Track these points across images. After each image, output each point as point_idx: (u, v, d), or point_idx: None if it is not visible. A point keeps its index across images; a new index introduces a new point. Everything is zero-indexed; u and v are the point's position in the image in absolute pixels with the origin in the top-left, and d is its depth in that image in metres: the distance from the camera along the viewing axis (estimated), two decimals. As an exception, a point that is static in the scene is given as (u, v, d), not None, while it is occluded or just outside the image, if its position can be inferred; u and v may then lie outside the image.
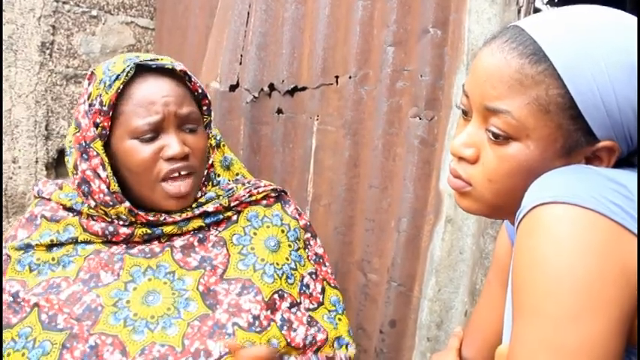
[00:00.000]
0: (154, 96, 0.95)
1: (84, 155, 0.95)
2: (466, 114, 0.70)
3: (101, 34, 1.97)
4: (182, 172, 0.97)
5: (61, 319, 0.90)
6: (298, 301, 1.03)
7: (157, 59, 0.99)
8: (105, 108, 0.94)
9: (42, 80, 1.82)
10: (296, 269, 1.06)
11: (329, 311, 1.08)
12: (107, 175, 0.95)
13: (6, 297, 0.92)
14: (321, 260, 1.14)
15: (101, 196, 0.95)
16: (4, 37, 1.73)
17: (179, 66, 1.00)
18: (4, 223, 1.78)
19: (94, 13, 1.94)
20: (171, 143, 0.95)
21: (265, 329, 0.94)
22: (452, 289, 1.25)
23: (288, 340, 0.96)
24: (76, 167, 0.96)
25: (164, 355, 0.88)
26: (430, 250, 1.28)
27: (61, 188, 1.06)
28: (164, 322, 0.91)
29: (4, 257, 0.98)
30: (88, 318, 0.90)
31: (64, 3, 1.85)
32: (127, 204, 0.96)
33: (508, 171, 0.65)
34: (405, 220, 1.30)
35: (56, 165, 1.91)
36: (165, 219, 1.00)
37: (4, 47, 1.73)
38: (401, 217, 1.31)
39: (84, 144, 0.95)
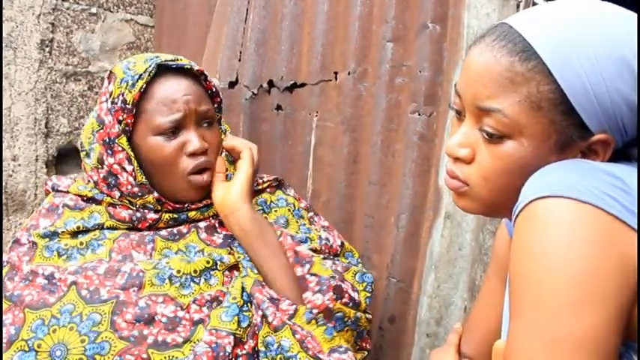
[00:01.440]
0: (175, 94, 1.00)
1: (109, 151, 1.00)
2: (459, 114, 0.70)
3: (101, 31, 1.96)
4: (204, 167, 1.04)
5: (104, 291, 0.91)
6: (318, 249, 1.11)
7: (177, 59, 1.04)
8: (129, 106, 0.98)
9: (41, 78, 1.82)
10: (307, 236, 1.14)
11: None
12: (133, 169, 1.00)
13: (40, 280, 0.94)
14: (329, 229, 1.20)
15: (129, 187, 1.00)
16: (4, 34, 1.73)
17: (196, 66, 1.06)
18: (4, 221, 1.79)
19: (94, 10, 1.94)
20: (192, 139, 1.01)
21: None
22: (451, 285, 1.25)
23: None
24: (101, 162, 1.01)
25: (215, 297, 0.95)
26: (429, 246, 1.27)
27: (75, 182, 1.10)
28: (205, 275, 0.98)
29: (28, 244, 0.99)
30: (132, 285, 0.93)
31: (63, 0, 1.85)
32: (155, 194, 1.02)
33: (504, 169, 0.65)
34: (404, 217, 1.30)
35: (56, 163, 1.91)
36: (188, 206, 1.06)
37: (3, 45, 1.73)
38: (400, 214, 1.31)
39: (108, 140, 1.00)
